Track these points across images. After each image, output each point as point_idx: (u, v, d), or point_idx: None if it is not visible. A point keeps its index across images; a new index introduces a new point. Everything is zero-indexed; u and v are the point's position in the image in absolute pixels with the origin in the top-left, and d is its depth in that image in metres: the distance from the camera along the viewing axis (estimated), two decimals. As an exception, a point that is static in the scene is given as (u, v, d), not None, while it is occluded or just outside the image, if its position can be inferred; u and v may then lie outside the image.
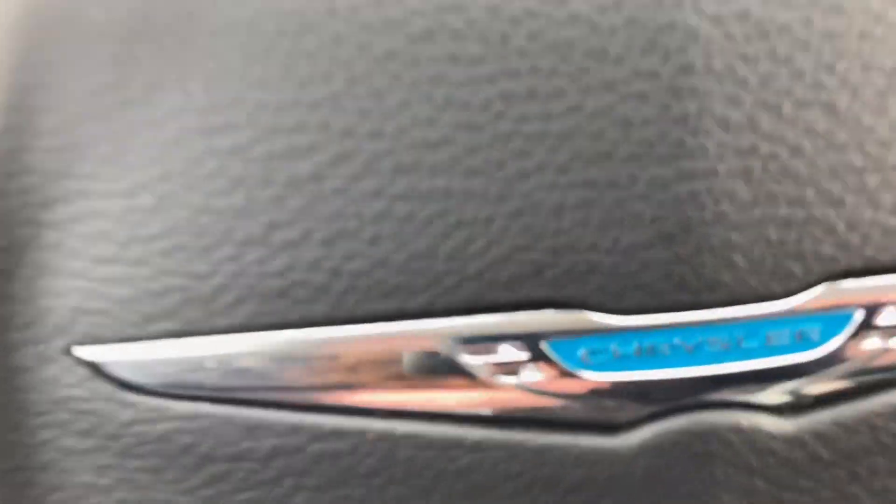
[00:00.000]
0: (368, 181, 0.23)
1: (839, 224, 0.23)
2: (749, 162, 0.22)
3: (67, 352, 0.24)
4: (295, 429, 0.24)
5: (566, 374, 0.23)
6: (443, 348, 0.23)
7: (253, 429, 0.24)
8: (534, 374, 0.23)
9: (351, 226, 0.23)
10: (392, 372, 0.23)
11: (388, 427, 0.24)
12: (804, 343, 0.23)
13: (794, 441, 0.23)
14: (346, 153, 0.23)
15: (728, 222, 0.22)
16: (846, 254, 0.23)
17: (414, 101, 0.23)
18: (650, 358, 0.23)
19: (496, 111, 0.23)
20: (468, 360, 0.23)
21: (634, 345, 0.23)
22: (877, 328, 0.23)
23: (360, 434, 0.24)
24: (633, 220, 0.22)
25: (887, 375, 0.23)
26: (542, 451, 0.24)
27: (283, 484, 0.25)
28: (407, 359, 0.23)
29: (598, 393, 0.23)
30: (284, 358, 0.24)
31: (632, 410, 0.23)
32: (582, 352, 0.23)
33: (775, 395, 0.23)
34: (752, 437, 0.23)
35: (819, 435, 0.23)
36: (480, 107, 0.22)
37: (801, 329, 0.23)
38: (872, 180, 0.23)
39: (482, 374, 0.23)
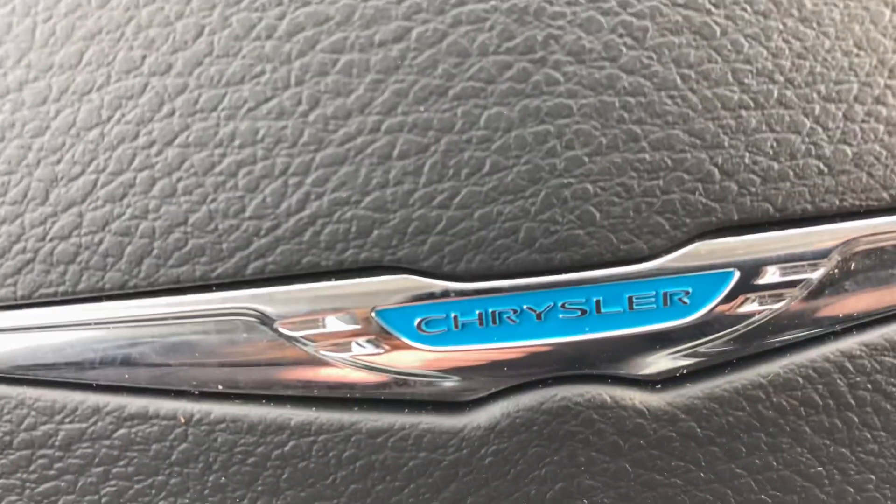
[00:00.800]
0: (158, 125, 0.19)
1: (714, 170, 0.19)
2: (606, 97, 0.19)
3: None
4: (97, 411, 0.21)
5: (401, 346, 0.20)
6: (258, 320, 0.20)
7: (51, 412, 0.21)
8: (365, 348, 0.20)
9: (141, 178, 0.19)
10: (202, 347, 0.20)
11: (202, 409, 0.21)
12: (673, 308, 0.20)
13: (664, 418, 0.21)
14: (131, 92, 0.19)
15: (583, 170, 0.19)
16: (722, 205, 0.19)
17: (207, 28, 0.19)
18: (496, 327, 0.20)
19: (307, 39, 0.19)
20: (289, 333, 0.20)
21: (476, 312, 0.20)
22: (757, 290, 0.20)
23: (171, 417, 0.21)
24: (471, 169, 0.19)
25: (769, 342, 0.20)
26: (377, 434, 0.21)
27: (91, 472, 0.22)
28: (217, 332, 0.20)
29: (437, 367, 0.20)
30: (80, 333, 0.21)
31: (477, 386, 0.20)
32: (417, 321, 0.20)
33: (642, 366, 0.20)
34: (616, 415, 0.21)
35: (692, 410, 0.21)
36: (286, 34, 0.19)
37: (669, 292, 0.20)
38: (753, 118, 0.19)
39: (306, 349, 0.20)
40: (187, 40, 0.19)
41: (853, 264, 0.20)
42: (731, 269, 0.20)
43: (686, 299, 0.20)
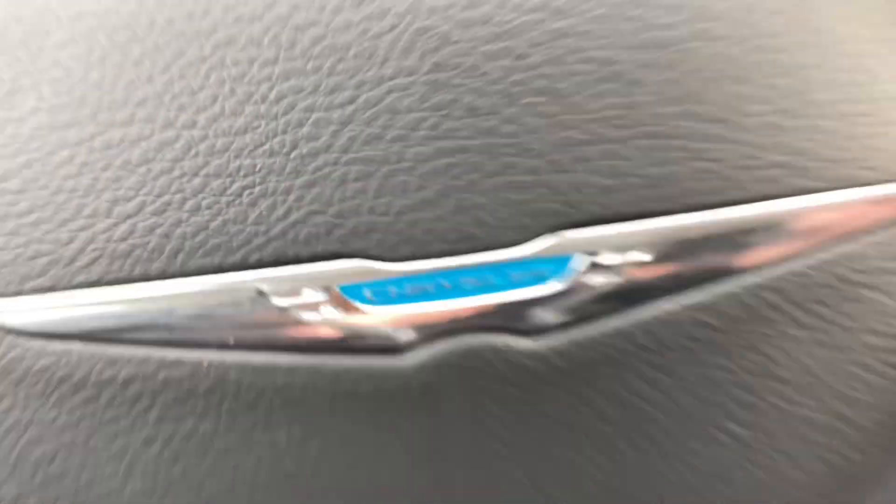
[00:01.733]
0: (187, 162, 0.27)
1: (565, 187, 0.26)
2: (492, 140, 0.26)
3: None
4: (145, 360, 0.28)
5: (355, 309, 0.26)
6: (258, 294, 0.26)
7: (112, 361, 0.28)
8: (331, 311, 0.26)
9: (176, 199, 0.26)
10: (219, 314, 0.28)
11: (220, 357, 0.27)
12: (540, 280, 0.26)
13: (538, 356, 0.27)
14: (168, 141, 0.27)
15: (477, 188, 0.26)
16: (570, 210, 0.26)
17: (221, 97, 0.27)
18: (420, 294, 0.26)
19: (289, 103, 0.27)
20: (279, 301, 0.26)
21: (407, 285, 0.26)
22: (596, 268, 0.28)
23: (197, 363, 0.27)
24: (401, 188, 0.26)
25: (607, 305, 0.27)
26: (340, 371, 0.27)
27: (141, 402, 0.28)
28: (231, 304, 0.28)
29: (381, 323, 0.26)
30: (134, 305, 0.28)
31: (409, 336, 0.27)
32: (367, 292, 0.26)
33: (521, 321, 0.26)
34: (505, 355, 0.27)
35: (558, 351, 0.27)
36: (276, 99, 0.27)
37: (536, 269, 0.26)
38: (592, 152, 0.26)
39: (291, 312, 0.26)
40: (207, 105, 0.27)
41: (675, 250, 0.26)
42: (577, 254, 0.26)
43: (548, 274, 0.28)
